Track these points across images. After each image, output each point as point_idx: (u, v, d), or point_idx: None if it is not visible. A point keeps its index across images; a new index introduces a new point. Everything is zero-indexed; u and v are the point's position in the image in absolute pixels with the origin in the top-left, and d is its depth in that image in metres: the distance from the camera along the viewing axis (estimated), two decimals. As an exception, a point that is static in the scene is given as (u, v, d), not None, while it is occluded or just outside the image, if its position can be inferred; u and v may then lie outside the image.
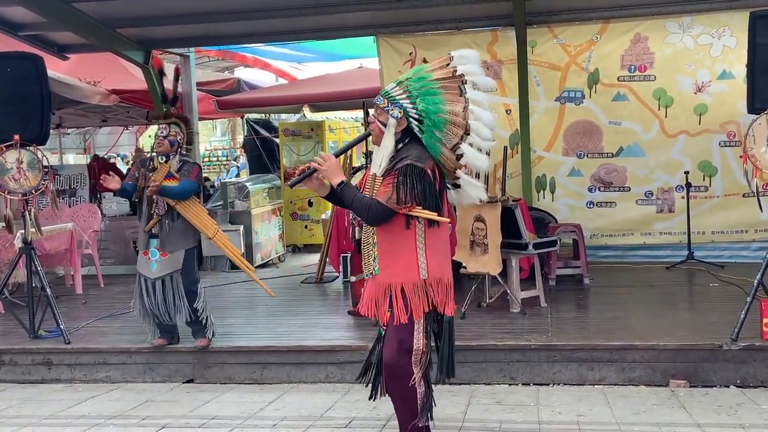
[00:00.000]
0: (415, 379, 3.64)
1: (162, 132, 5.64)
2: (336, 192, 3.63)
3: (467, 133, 3.60)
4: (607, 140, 8.58)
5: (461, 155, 3.61)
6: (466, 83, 3.63)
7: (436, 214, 3.55)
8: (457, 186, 3.75)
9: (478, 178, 3.88)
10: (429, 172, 3.54)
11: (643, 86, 8.42)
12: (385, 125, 3.60)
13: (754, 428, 4.26)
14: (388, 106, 3.60)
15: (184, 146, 5.77)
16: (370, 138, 3.74)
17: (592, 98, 8.55)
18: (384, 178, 3.56)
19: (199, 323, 5.74)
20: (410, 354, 3.62)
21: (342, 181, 3.60)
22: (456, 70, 3.64)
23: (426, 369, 3.69)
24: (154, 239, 5.66)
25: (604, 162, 8.62)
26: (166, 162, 5.63)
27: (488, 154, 3.76)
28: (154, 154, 5.72)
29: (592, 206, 8.68)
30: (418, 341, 3.64)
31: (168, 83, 6.09)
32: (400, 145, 3.63)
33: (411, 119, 3.58)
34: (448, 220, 3.68)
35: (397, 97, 3.60)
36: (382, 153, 3.60)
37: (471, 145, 3.63)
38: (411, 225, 3.57)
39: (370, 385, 3.96)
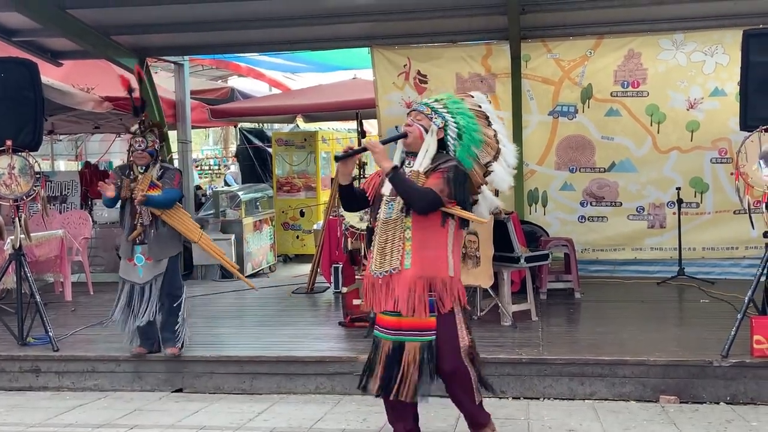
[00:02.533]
0: (473, 375, 3.90)
1: (140, 146, 5.63)
2: (389, 176, 3.79)
3: (497, 156, 3.97)
4: (599, 155, 8.61)
5: (490, 172, 3.97)
6: (488, 119, 4.00)
7: (473, 215, 3.86)
8: (474, 201, 4.01)
9: None
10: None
11: (636, 102, 8.47)
12: (427, 130, 3.88)
13: (744, 445, 4.27)
14: (431, 114, 3.92)
15: (160, 149, 5.77)
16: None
17: (585, 113, 8.59)
18: (429, 175, 3.80)
19: (172, 330, 5.70)
20: (460, 351, 3.85)
21: (395, 166, 3.81)
22: (480, 106, 4.01)
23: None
24: (139, 246, 5.64)
25: (596, 177, 8.65)
26: (146, 171, 5.61)
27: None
28: (130, 162, 5.70)
29: (583, 220, 8.70)
30: (463, 337, 3.87)
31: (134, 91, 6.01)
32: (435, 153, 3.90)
33: (449, 132, 3.91)
34: (486, 220, 4.04)
35: (440, 110, 3.94)
36: (425, 153, 3.87)
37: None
38: (446, 223, 3.83)
39: (376, 388, 3.97)
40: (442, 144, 3.92)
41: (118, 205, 5.68)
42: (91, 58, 9.24)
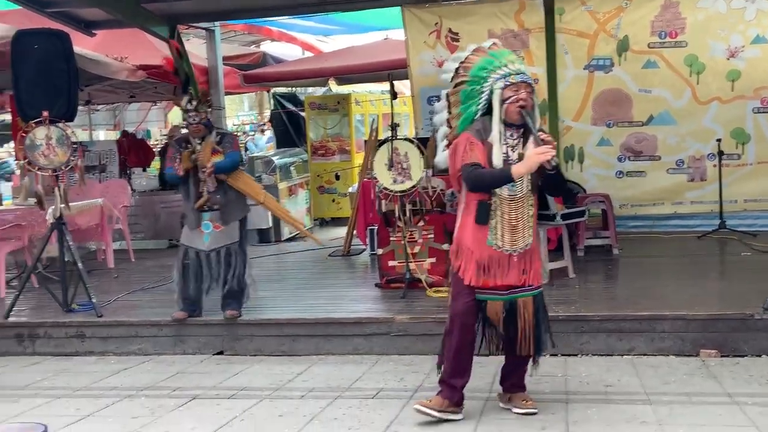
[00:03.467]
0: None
1: (194, 120, 5.67)
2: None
3: None
4: (637, 108, 8.44)
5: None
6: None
7: None
8: None
9: None
10: None
11: (675, 53, 8.26)
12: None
13: (786, 398, 4.22)
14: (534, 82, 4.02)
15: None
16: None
17: (622, 66, 8.41)
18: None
19: (238, 294, 5.79)
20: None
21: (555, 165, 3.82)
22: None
23: None
24: (206, 213, 5.71)
25: (634, 131, 8.49)
26: (201, 142, 5.67)
27: None
28: (185, 132, 5.78)
29: (621, 176, 8.57)
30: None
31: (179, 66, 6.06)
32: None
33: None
34: None
35: (530, 77, 3.97)
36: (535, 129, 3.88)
37: None
38: None
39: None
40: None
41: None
42: (123, 27, 9.26)
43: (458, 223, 4.10)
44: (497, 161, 3.86)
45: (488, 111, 3.96)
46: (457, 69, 4.09)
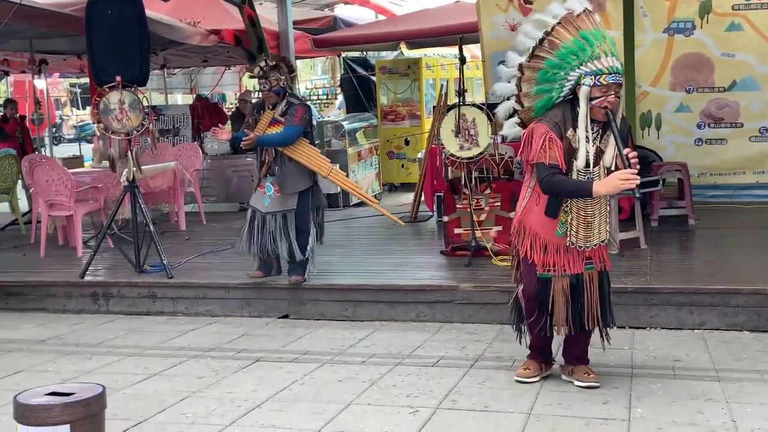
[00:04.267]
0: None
1: (264, 87, 5.69)
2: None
3: None
4: (718, 73, 8.11)
5: None
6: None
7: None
8: None
9: None
10: None
11: (761, 15, 7.88)
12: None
13: None
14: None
15: (289, 86, 5.81)
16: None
17: (704, 29, 8.07)
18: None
19: (300, 262, 5.83)
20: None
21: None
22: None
23: None
24: (269, 177, 5.78)
25: (715, 97, 8.17)
26: (273, 108, 5.69)
27: None
28: (259, 98, 5.83)
29: (700, 143, 8.27)
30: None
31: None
32: None
33: None
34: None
35: (620, 67, 3.77)
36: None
37: None
38: None
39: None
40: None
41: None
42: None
43: (524, 202, 4.01)
44: (581, 163, 3.77)
45: (568, 97, 3.82)
46: (542, 40, 3.86)
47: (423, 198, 8.42)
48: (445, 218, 6.62)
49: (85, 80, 18.82)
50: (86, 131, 23.09)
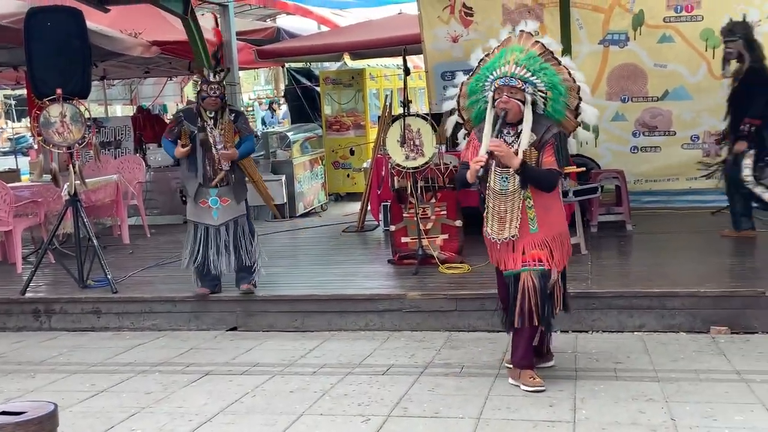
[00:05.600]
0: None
1: (214, 92, 5.68)
2: (519, 172, 3.99)
3: (579, 94, 4.12)
4: (652, 83, 8.39)
5: (580, 113, 4.15)
6: (553, 54, 4.11)
7: (576, 168, 4.20)
8: None
9: None
10: None
11: (690, 27, 8.19)
12: (523, 102, 4.00)
13: (796, 376, 4.22)
14: (524, 86, 4.00)
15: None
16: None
17: (637, 41, 8.35)
18: (541, 150, 4.00)
19: (248, 268, 5.85)
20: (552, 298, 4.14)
21: (523, 161, 3.97)
22: (543, 44, 4.09)
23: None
24: (215, 189, 5.74)
25: (649, 106, 8.45)
26: (216, 116, 5.69)
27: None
28: (194, 106, 5.80)
29: (636, 151, 8.54)
30: (554, 275, 4.13)
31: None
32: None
33: (539, 95, 4.05)
34: (584, 169, 4.35)
35: (527, 77, 4.02)
36: (528, 126, 4.00)
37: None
38: (558, 183, 4.13)
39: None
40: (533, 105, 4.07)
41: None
42: (137, 2, 9.27)
43: None
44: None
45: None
46: (480, 59, 4.26)
47: (369, 208, 8.48)
48: (392, 227, 6.70)
49: (21, 92, 18.40)
50: (22, 144, 22.53)
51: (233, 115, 5.79)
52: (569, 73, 4.11)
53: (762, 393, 3.97)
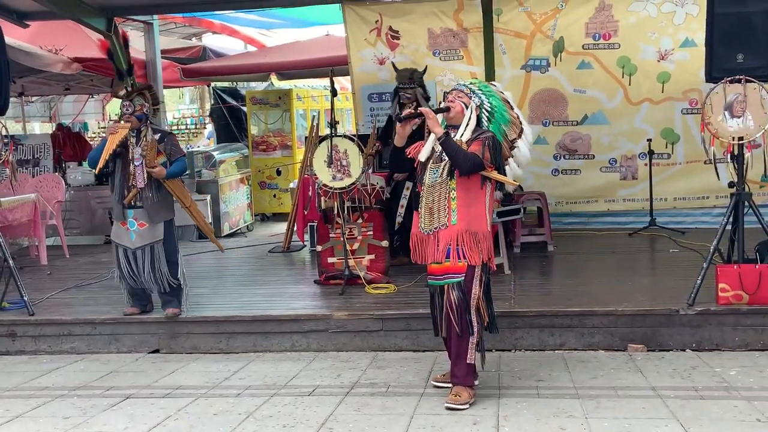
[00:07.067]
0: (476, 329, 4.29)
1: (127, 110, 5.59)
2: (440, 139, 4.25)
3: (520, 134, 4.49)
4: (571, 108, 8.64)
5: (515, 148, 4.49)
6: (510, 104, 4.52)
7: (506, 178, 4.34)
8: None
9: None
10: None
11: (608, 54, 8.48)
12: (467, 106, 4.34)
13: (707, 390, 4.39)
14: (470, 94, 4.37)
15: (152, 113, 5.75)
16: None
17: (558, 66, 8.59)
18: (470, 143, 4.24)
19: (173, 293, 5.76)
20: (471, 303, 4.27)
21: (446, 131, 4.28)
22: (503, 93, 4.52)
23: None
24: (131, 210, 5.64)
25: (569, 130, 8.69)
26: (138, 135, 5.60)
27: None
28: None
29: (557, 174, 8.77)
30: (476, 292, 4.28)
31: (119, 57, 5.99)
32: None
33: (484, 110, 4.36)
34: (517, 183, 4.50)
35: (476, 91, 4.39)
36: (467, 125, 4.31)
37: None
38: (484, 185, 4.30)
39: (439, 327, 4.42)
40: (477, 121, 4.36)
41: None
42: (58, 18, 9.07)
43: None
44: (422, 156, 4.43)
45: None
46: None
47: (295, 228, 8.46)
48: (319, 248, 6.70)
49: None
50: (-67, 161, 21.60)
51: (158, 135, 5.70)
52: (517, 117, 4.49)
53: (676, 408, 4.12)
